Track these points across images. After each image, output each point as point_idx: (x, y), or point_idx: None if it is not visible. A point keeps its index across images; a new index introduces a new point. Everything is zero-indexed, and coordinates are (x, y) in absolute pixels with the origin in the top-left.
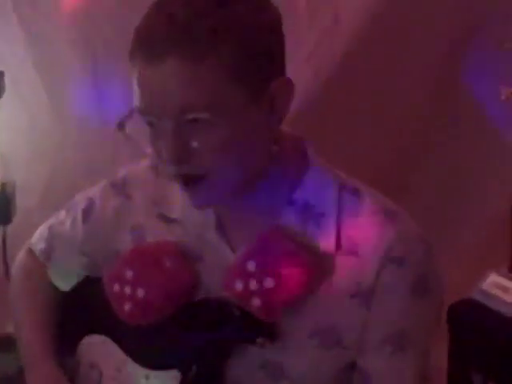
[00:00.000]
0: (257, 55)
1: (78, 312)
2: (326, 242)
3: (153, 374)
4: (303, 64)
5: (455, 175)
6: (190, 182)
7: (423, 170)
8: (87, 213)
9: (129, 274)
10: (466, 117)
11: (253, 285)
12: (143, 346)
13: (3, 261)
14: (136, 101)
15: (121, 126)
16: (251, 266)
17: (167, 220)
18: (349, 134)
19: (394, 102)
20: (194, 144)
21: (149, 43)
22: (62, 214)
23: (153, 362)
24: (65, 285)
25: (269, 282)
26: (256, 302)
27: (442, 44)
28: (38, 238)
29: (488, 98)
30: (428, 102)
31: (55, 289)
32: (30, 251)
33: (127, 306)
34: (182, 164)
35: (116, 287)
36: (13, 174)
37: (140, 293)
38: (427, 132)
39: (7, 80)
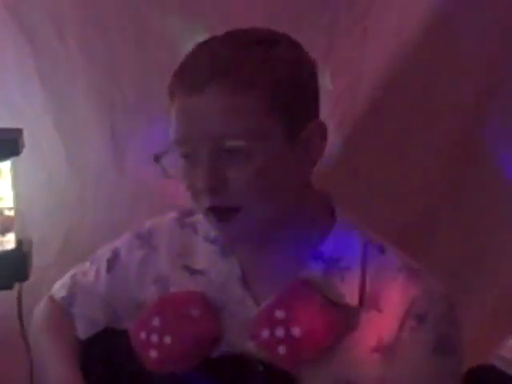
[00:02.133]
0: (295, 92)
1: (98, 363)
2: (350, 296)
3: None
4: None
5: (477, 239)
6: (222, 214)
7: (446, 233)
8: (112, 263)
9: (156, 321)
10: (488, 179)
11: (280, 333)
12: None
13: (19, 318)
14: (172, 134)
15: (157, 158)
16: (279, 314)
17: (191, 271)
18: (372, 190)
19: (418, 158)
20: (230, 174)
21: (191, 76)
22: (86, 264)
23: None
24: (83, 333)
25: (296, 331)
26: (282, 350)
27: (467, 105)
28: (59, 286)
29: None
30: (454, 160)
31: (74, 334)
32: (51, 299)
33: (153, 354)
34: (216, 194)
35: (143, 335)
36: (30, 230)
37: (167, 340)
38: (453, 192)
39: (25, 136)
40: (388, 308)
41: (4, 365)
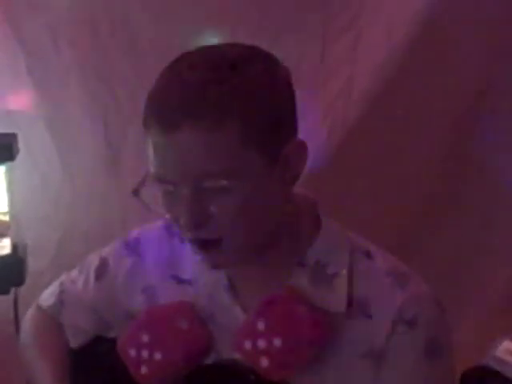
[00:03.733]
0: (270, 120)
1: (88, 372)
2: (337, 303)
3: None
4: (316, 125)
5: (467, 241)
6: (205, 245)
7: (436, 235)
8: (100, 271)
9: (145, 338)
10: (478, 181)
11: (261, 344)
12: None
13: (15, 323)
14: (151, 167)
15: (136, 193)
16: (260, 325)
17: (179, 280)
18: (360, 197)
19: (408, 166)
20: (211, 209)
21: (162, 112)
22: (74, 272)
23: None
24: (73, 342)
25: (277, 342)
26: (264, 362)
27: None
28: (48, 295)
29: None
30: (442, 165)
31: (66, 344)
32: (39, 308)
33: (144, 370)
34: (199, 229)
35: (132, 352)
36: (24, 235)
37: (157, 356)
38: (443, 195)
39: (20, 141)
40: (377, 313)
41: (0, 369)
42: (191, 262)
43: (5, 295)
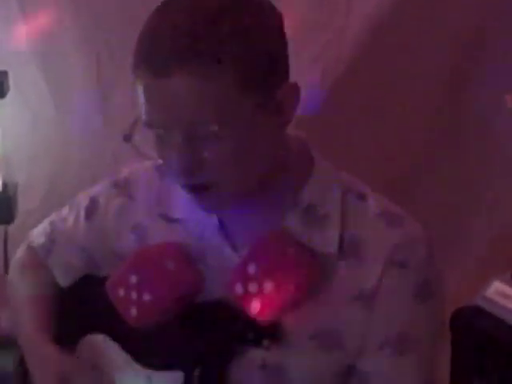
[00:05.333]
0: (261, 64)
1: (78, 311)
2: (329, 246)
3: (155, 374)
4: (310, 65)
5: (459, 186)
6: (198, 191)
7: (427, 181)
8: (90, 211)
9: (133, 278)
10: (471, 126)
11: (252, 288)
12: (146, 347)
13: (4, 261)
14: (141, 112)
15: (128, 138)
16: (252, 268)
17: (169, 220)
18: (353, 139)
19: (401, 108)
20: (204, 156)
21: (153, 57)
22: (65, 211)
23: (155, 362)
24: (63, 281)
25: (268, 286)
26: (255, 305)
27: (453, 51)
28: (38, 233)
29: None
30: (436, 110)
31: (54, 283)
32: (29, 247)
33: (133, 311)
34: (191, 174)
35: (121, 292)
36: (15, 174)
37: (146, 297)
38: (436, 141)
39: (10, 79)
40: (368, 255)
41: None
42: (181, 201)
43: None
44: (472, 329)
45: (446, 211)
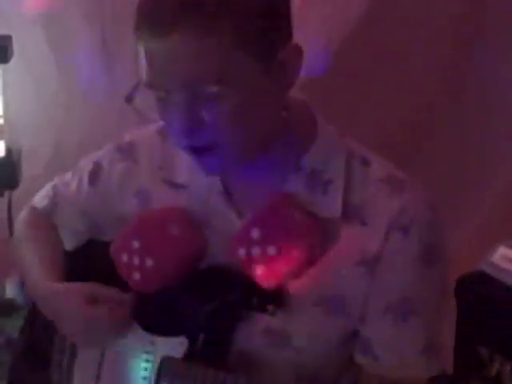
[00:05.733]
0: (264, 24)
1: (81, 276)
2: (333, 209)
3: (159, 340)
4: (315, 27)
5: (463, 150)
6: (200, 152)
7: (432, 145)
8: (94, 175)
9: (136, 244)
10: (472, 93)
11: (256, 252)
12: (150, 312)
13: (9, 227)
14: (142, 74)
15: (129, 99)
16: (255, 233)
17: (173, 185)
18: (355, 103)
19: (404, 74)
20: (205, 116)
21: (155, 16)
22: (68, 175)
23: (160, 328)
24: (66, 244)
25: (271, 250)
26: (258, 269)
27: (455, 18)
28: (41, 197)
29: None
30: (438, 77)
31: (61, 241)
32: (33, 209)
33: (137, 276)
34: (193, 135)
35: (124, 257)
36: (19, 139)
37: (149, 263)
38: (437, 107)
39: (14, 44)
40: (372, 220)
41: None
42: (185, 166)
43: None
44: (477, 294)
45: (447, 177)
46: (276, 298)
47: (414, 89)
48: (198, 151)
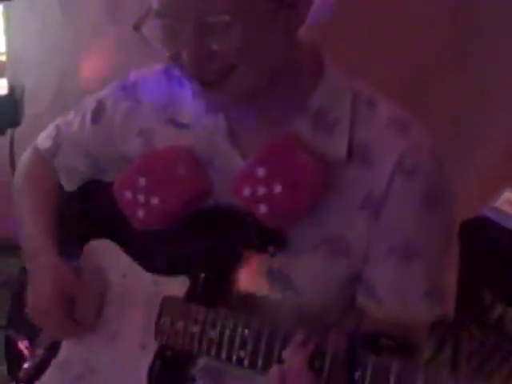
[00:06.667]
0: None
1: (83, 216)
2: (338, 151)
3: (161, 279)
4: None
5: (470, 94)
6: (207, 85)
7: (440, 88)
8: (96, 114)
9: (142, 181)
10: (484, 35)
11: (261, 191)
12: (152, 251)
13: (10, 164)
14: (153, 3)
15: (137, 27)
16: (260, 172)
17: (177, 125)
18: (366, 42)
19: (415, 14)
20: (213, 47)
21: None
22: (71, 115)
23: (161, 267)
24: (68, 185)
25: (276, 190)
26: (263, 208)
27: None
28: (44, 137)
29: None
30: (449, 17)
31: (60, 189)
32: (36, 149)
33: (141, 213)
34: (201, 66)
35: (128, 194)
36: (22, 78)
37: (154, 200)
38: (447, 46)
39: None
40: (377, 161)
41: None
42: (190, 105)
43: (1, 136)
44: (480, 239)
45: (455, 118)
46: (278, 239)
47: (425, 29)
48: (205, 86)
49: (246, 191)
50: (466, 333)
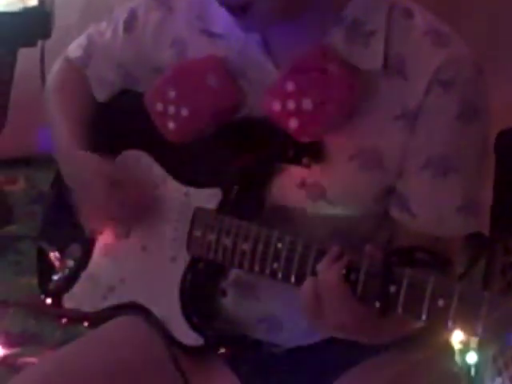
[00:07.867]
0: None
1: (115, 127)
2: (373, 62)
3: (193, 191)
4: None
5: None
6: (237, 12)
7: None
8: (129, 23)
9: (172, 93)
10: None
11: (291, 105)
12: (185, 163)
13: (41, 76)
14: None
15: None
16: (290, 86)
17: (210, 35)
18: None
19: None
20: None
21: None
22: (103, 24)
23: (194, 179)
24: (99, 95)
25: (307, 104)
26: (293, 123)
27: None
28: (75, 47)
29: None
30: None
31: (91, 98)
32: (66, 59)
33: (171, 125)
34: None
35: (159, 106)
36: None
37: (184, 112)
38: None
39: None
40: (413, 73)
41: (26, 121)
42: (224, 15)
43: (31, 47)
44: None
45: (495, 30)
46: (312, 151)
47: None
48: (235, 10)
49: (276, 106)
50: (501, 246)
